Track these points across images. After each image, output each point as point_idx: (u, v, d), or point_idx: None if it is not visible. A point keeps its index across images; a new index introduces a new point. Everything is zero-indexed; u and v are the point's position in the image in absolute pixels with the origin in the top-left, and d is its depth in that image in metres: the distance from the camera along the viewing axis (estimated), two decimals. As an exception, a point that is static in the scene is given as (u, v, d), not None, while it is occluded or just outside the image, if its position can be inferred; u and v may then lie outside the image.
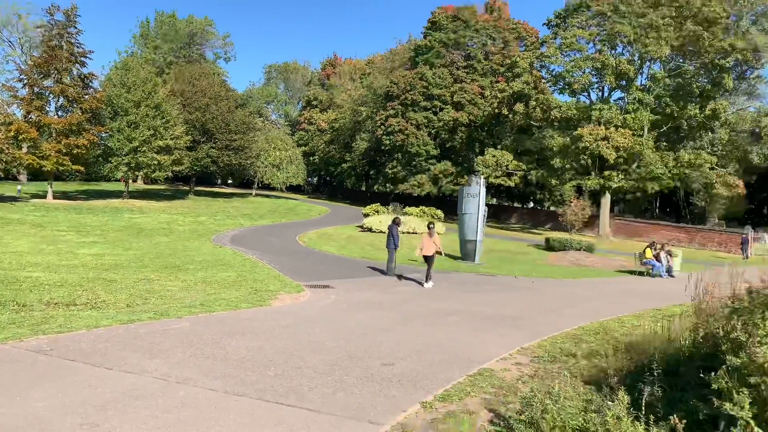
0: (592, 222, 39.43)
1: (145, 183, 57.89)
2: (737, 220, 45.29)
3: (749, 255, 30.00)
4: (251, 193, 60.90)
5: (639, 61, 39.60)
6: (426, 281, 14.42)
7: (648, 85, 39.68)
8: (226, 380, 5.96)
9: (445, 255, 17.78)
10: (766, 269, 5.47)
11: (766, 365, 4.18)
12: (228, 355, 6.96)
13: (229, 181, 78.78)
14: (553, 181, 42.02)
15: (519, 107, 42.28)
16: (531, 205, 62.32)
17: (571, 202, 35.20)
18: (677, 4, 37.50)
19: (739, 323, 4.75)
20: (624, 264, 22.98)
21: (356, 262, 19.01)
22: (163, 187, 58.46)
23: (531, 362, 7.46)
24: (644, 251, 20.87)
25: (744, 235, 32.77)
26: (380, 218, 31.67)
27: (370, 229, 30.39)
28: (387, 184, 56.55)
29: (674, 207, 55.43)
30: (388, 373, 6.57)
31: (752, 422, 4.04)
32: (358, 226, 32.51)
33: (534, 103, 41.03)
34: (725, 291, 6.43)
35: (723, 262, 12.10)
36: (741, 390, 4.23)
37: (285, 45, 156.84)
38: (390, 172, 55.76)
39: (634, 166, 38.11)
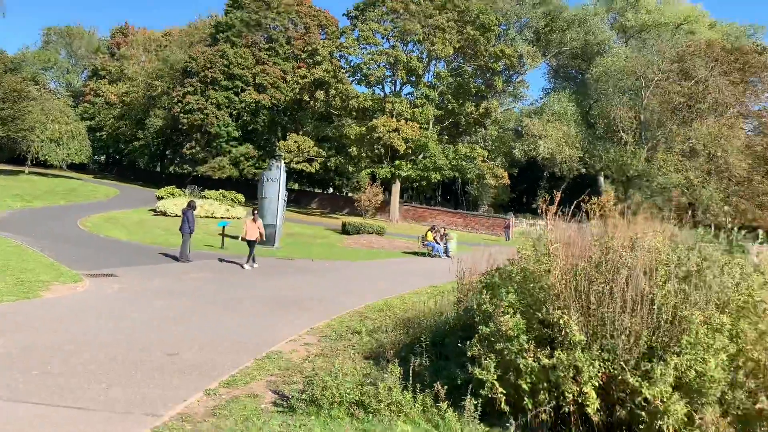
0: (384, 207, 42.12)
1: None
2: (503, 207, 52.04)
3: (510, 237, 34.65)
4: (24, 171, 52.49)
5: (427, 59, 43.08)
6: (248, 263, 15.09)
7: (434, 82, 43.38)
8: (-25, 386, 5.26)
9: (242, 239, 17.29)
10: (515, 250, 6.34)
11: (508, 332, 4.92)
12: (-20, 357, 6.14)
13: None
14: (351, 168, 43.83)
15: (320, 95, 43.12)
16: (331, 190, 64.06)
17: (366, 188, 37.14)
18: (459, 9, 41.75)
19: (488, 296, 5.49)
20: (410, 246, 25.10)
21: (147, 248, 17.77)
22: None
23: (319, 341, 7.87)
24: (426, 234, 23.09)
25: (506, 220, 37.90)
26: (176, 201, 29.80)
27: (164, 213, 28.45)
28: (185, 166, 53.26)
29: (453, 195, 61.97)
30: (172, 364, 6.37)
31: (497, 383, 4.81)
32: (150, 210, 30.20)
33: (334, 91, 42.14)
34: (485, 268, 7.48)
35: (489, 244, 14.00)
36: (489, 355, 5.00)
37: (67, 6, 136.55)
38: (188, 152, 52.50)
39: (421, 156, 41.49)
